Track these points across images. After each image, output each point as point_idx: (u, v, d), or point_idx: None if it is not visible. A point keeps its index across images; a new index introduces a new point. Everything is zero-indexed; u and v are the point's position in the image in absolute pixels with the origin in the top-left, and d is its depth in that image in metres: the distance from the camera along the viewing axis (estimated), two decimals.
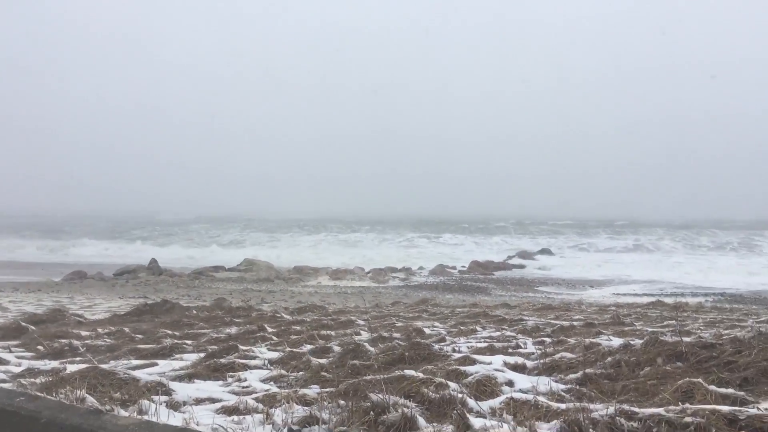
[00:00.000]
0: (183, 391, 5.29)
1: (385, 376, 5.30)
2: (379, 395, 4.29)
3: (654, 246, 46.47)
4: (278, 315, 12.07)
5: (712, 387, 4.72)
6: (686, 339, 6.07)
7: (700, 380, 4.81)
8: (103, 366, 5.85)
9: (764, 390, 4.92)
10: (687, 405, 4.24)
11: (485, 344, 7.24)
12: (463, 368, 5.70)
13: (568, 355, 6.26)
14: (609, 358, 5.86)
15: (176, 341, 8.47)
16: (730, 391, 4.70)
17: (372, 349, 7.05)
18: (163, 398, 4.83)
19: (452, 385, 5.00)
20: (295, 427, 3.98)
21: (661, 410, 4.15)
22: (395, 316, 11.94)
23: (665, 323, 8.93)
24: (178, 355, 7.52)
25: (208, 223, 65.54)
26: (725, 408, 4.12)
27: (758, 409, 4.24)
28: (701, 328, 8.26)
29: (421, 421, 4.04)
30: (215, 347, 7.78)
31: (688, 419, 3.95)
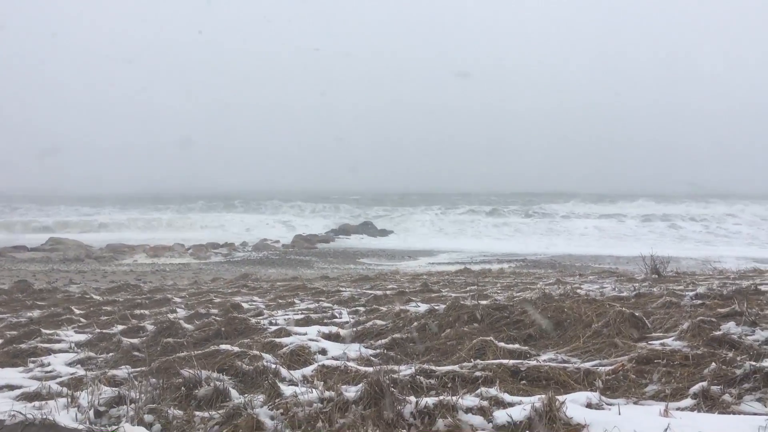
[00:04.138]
0: None
1: (199, 352, 5.31)
2: (191, 371, 4.32)
3: (479, 218, 48.90)
4: (87, 296, 11.45)
5: (502, 344, 5.27)
6: (483, 302, 6.67)
7: (491, 338, 5.35)
8: None
9: (545, 344, 5.57)
10: (478, 361, 4.72)
11: (302, 316, 7.43)
12: (278, 340, 5.84)
13: (380, 322, 6.61)
14: (415, 323, 6.28)
15: None
16: (517, 346, 5.28)
17: (188, 326, 6.97)
18: None
19: (267, 356, 5.13)
20: (102, 409, 3.89)
21: (456, 367, 4.59)
22: (214, 292, 11.81)
23: (468, 288, 9.69)
24: None
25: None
26: (510, 361, 4.64)
27: (537, 360, 4.83)
28: (498, 291, 9.07)
29: (234, 392, 4.14)
30: (15, 332, 7.28)
31: (478, 373, 4.41)
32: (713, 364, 4.04)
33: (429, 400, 3.52)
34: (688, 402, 3.64)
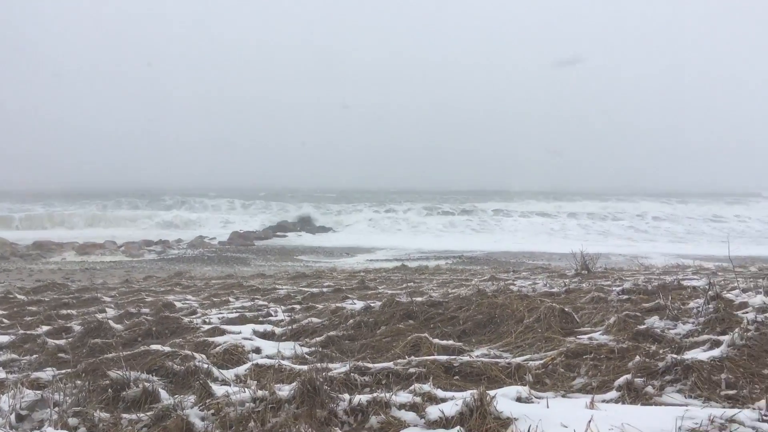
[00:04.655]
0: None
1: (129, 352, 5.17)
2: (119, 372, 4.20)
3: (417, 215, 49.02)
4: (11, 295, 10.99)
5: (436, 340, 5.33)
6: (418, 299, 6.73)
7: (426, 335, 5.40)
8: None
9: (478, 339, 5.66)
10: (413, 357, 4.75)
11: (237, 314, 7.33)
12: (212, 339, 5.74)
13: (315, 320, 6.58)
14: (351, 321, 6.28)
15: None
16: (451, 342, 5.35)
17: (117, 326, 6.78)
18: None
19: (199, 356, 5.03)
20: (23, 413, 3.75)
21: (390, 364, 4.61)
22: (146, 291, 11.52)
23: (404, 285, 9.75)
24: None
25: None
26: (443, 357, 4.70)
27: (470, 356, 4.90)
28: (434, 288, 9.16)
29: (164, 393, 4.04)
30: None
31: (412, 370, 4.44)
32: (637, 357, 4.18)
33: (362, 398, 3.52)
34: (613, 394, 3.75)
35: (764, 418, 3.08)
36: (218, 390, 3.90)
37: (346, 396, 3.58)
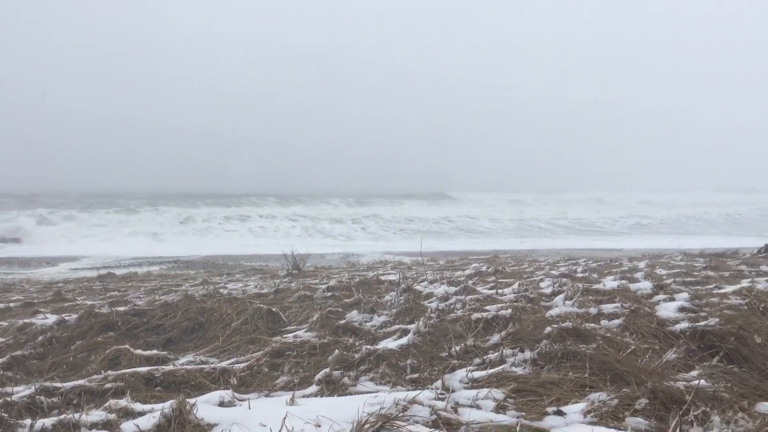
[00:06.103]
0: None
1: None
2: None
3: (129, 217, 45.85)
4: None
5: (139, 351, 5.06)
6: (121, 308, 6.32)
7: (127, 346, 5.10)
8: None
9: (185, 346, 5.51)
10: (110, 372, 4.45)
11: None
12: None
13: None
14: (41, 337, 5.69)
15: None
16: (155, 352, 5.12)
17: None
18: None
19: None
20: None
21: (84, 381, 4.26)
22: None
23: (108, 295, 9.07)
24: None
25: None
26: (144, 369, 4.48)
27: (174, 365, 4.74)
28: (141, 296, 8.65)
29: None
30: None
31: (108, 385, 4.16)
32: (336, 350, 4.43)
33: (47, 421, 3.22)
34: (313, 388, 3.92)
35: (440, 396, 3.47)
36: None
37: (28, 421, 3.23)
